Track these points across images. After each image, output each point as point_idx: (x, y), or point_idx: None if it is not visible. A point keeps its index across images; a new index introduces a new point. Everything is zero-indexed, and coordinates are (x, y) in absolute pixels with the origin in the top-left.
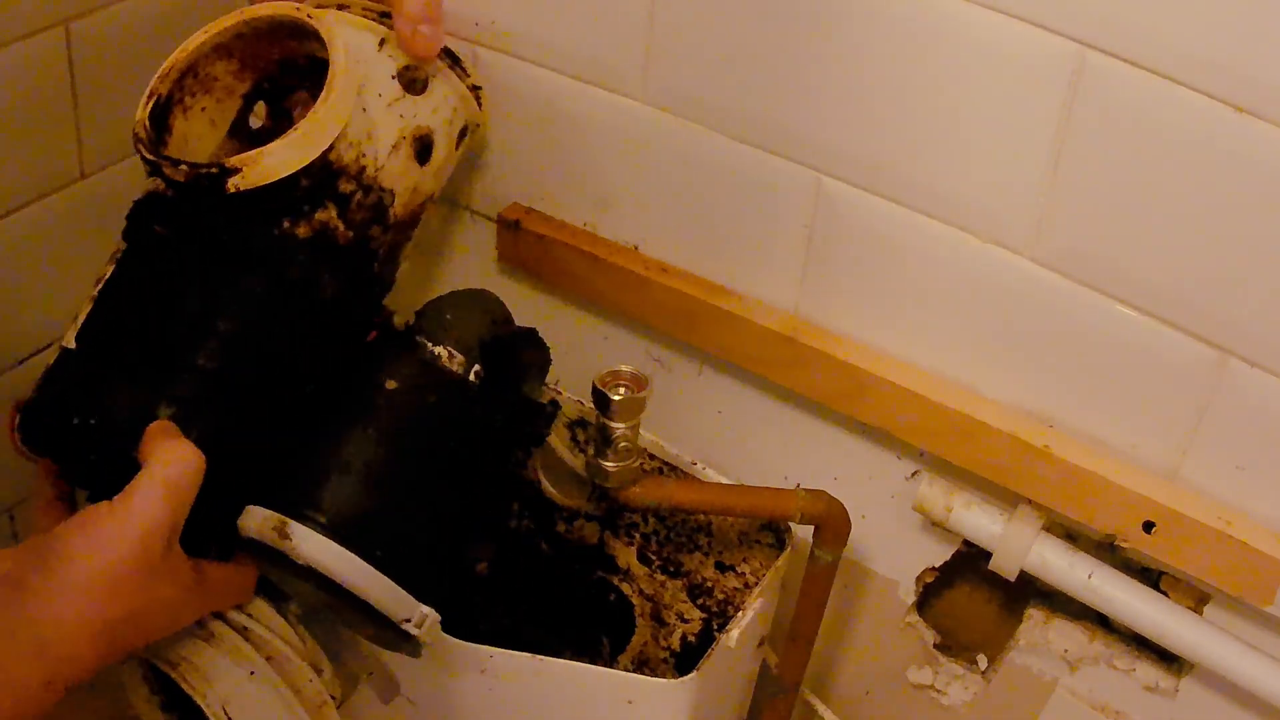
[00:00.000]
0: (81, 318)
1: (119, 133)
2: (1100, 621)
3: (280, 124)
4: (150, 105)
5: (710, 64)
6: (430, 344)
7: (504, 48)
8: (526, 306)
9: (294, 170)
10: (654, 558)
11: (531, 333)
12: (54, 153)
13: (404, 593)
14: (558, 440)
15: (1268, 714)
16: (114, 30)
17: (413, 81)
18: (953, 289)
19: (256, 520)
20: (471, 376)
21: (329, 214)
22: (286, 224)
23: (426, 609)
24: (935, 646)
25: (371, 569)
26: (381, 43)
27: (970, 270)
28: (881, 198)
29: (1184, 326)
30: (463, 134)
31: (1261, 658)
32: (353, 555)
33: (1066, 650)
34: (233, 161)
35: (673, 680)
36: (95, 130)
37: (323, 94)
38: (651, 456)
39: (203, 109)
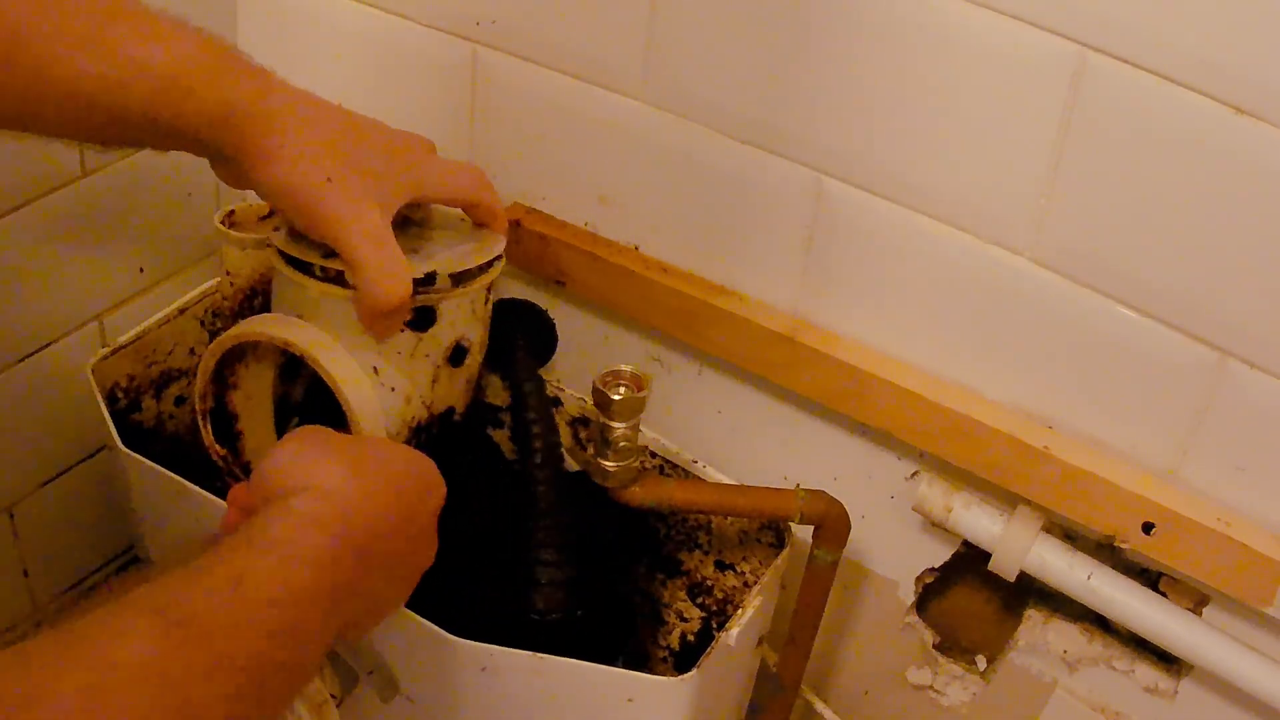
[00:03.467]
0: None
1: None
2: (1099, 622)
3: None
4: (208, 425)
5: (710, 64)
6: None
7: (504, 48)
8: None
9: None
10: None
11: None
12: (54, 151)
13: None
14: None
15: (1267, 715)
16: None
17: (424, 316)
18: (952, 289)
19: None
20: None
21: None
22: None
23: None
24: (935, 647)
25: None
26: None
27: (970, 270)
28: (881, 198)
29: (1184, 327)
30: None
31: (1260, 659)
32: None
33: (1066, 651)
34: None
35: (672, 678)
36: None
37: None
38: (653, 455)
39: (247, 371)
